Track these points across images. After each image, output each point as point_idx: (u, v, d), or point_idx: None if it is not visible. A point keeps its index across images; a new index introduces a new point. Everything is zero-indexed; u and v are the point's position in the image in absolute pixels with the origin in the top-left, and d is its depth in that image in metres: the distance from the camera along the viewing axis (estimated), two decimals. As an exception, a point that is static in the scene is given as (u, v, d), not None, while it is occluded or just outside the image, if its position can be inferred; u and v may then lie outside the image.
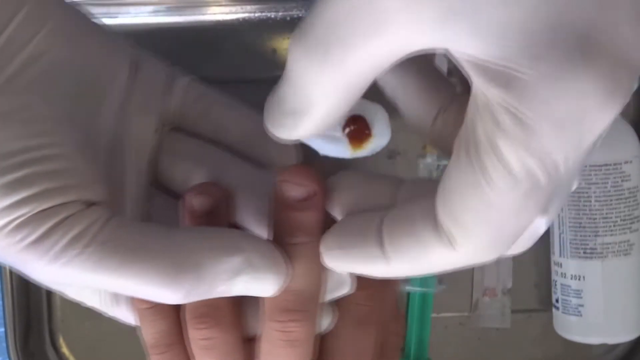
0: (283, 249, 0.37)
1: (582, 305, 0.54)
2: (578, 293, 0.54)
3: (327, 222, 0.37)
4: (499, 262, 0.58)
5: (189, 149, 0.42)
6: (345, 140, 0.57)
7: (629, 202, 0.53)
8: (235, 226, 0.41)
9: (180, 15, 0.57)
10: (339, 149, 0.58)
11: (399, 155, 0.58)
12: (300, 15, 0.57)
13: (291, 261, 0.37)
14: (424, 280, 0.57)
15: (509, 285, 0.58)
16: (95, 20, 0.40)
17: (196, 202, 0.38)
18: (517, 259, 0.58)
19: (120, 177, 0.40)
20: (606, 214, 0.53)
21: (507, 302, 0.58)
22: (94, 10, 0.56)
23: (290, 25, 0.57)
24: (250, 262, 0.36)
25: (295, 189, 0.37)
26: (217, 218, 0.39)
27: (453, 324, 0.59)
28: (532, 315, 0.59)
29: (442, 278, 0.58)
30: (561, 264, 0.55)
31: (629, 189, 0.53)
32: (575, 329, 0.55)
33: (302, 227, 0.37)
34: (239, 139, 0.43)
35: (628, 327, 0.55)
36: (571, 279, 0.54)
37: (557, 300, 0.56)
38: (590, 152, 0.30)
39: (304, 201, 0.37)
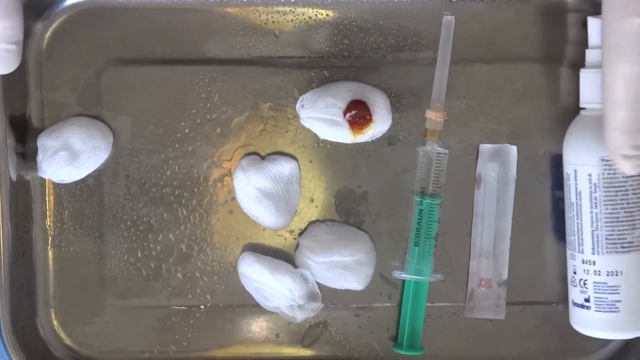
0: None
1: (619, 301, 0.54)
2: (615, 289, 0.54)
3: None
4: (495, 254, 0.58)
5: None
6: (346, 125, 0.57)
7: None
8: None
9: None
10: (340, 133, 0.58)
11: (399, 142, 0.58)
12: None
13: None
14: (419, 269, 0.57)
15: (505, 276, 0.58)
16: None
17: None
18: (513, 251, 0.58)
19: None
20: None
21: (502, 294, 0.58)
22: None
23: (293, 6, 0.57)
24: None
25: None
26: None
27: (447, 313, 0.59)
28: (526, 308, 0.59)
29: (437, 267, 0.57)
30: (594, 262, 0.54)
31: None
32: (612, 326, 0.54)
33: None
34: None
35: None
36: (607, 275, 0.54)
37: (587, 300, 0.55)
38: None
39: None
